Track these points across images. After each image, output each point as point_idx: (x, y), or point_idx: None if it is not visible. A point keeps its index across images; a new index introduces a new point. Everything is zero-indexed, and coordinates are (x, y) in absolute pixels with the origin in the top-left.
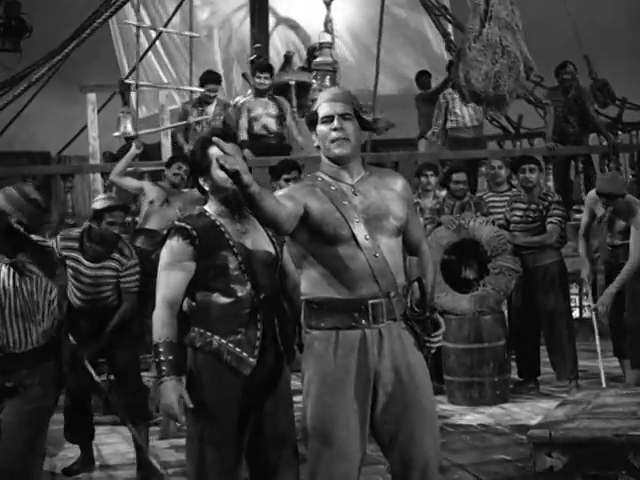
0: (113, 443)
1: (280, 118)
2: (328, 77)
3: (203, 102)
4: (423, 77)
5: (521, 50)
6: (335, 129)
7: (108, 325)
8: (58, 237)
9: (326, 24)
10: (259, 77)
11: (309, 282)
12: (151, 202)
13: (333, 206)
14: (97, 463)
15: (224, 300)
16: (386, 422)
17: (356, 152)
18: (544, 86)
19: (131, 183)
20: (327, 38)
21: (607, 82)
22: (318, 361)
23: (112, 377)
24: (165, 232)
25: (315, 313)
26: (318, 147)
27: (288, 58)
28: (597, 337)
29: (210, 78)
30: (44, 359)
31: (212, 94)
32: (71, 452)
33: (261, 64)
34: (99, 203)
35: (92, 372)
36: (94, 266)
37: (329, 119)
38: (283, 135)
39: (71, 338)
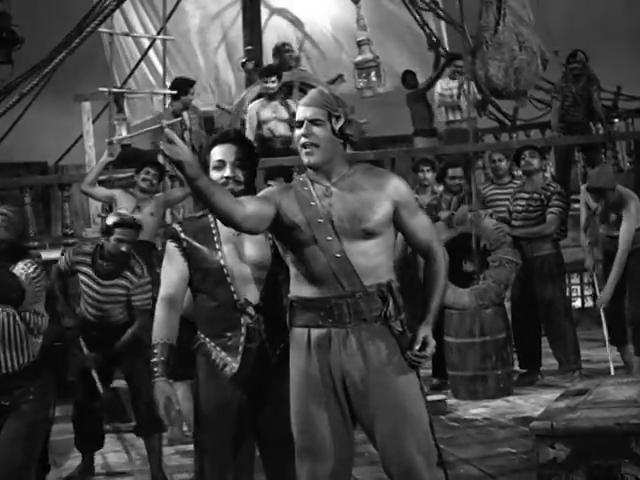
0: (118, 451)
1: (290, 122)
2: (373, 73)
3: (183, 108)
4: (408, 76)
5: (537, 43)
6: (303, 135)
7: (118, 341)
8: (71, 250)
9: (358, 21)
10: (266, 81)
11: (290, 280)
12: (120, 209)
13: (298, 207)
14: (103, 471)
15: (210, 303)
16: (363, 421)
17: (329, 157)
18: (550, 81)
19: (101, 192)
20: (363, 35)
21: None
22: (295, 359)
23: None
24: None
25: (293, 311)
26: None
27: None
28: (605, 327)
29: (183, 84)
30: (37, 376)
31: (191, 97)
32: (77, 462)
33: (268, 68)
34: (110, 219)
35: (97, 382)
36: (105, 283)
37: (300, 124)
38: (290, 139)
39: (83, 346)
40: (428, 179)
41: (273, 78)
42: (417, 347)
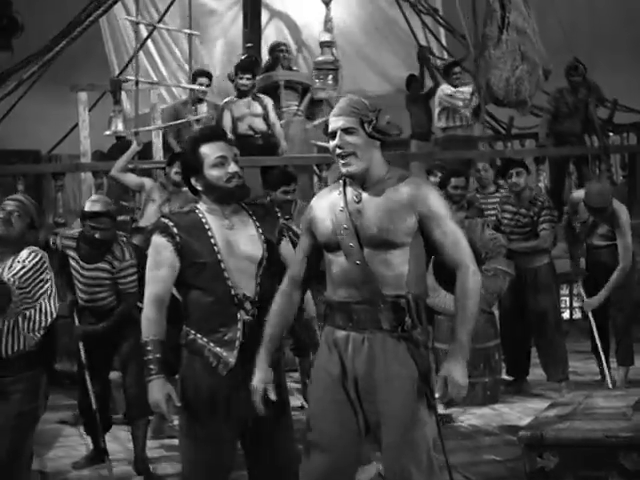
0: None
1: (265, 116)
2: (330, 76)
3: (195, 101)
4: (413, 80)
5: (539, 54)
6: (337, 146)
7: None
8: (59, 234)
9: (326, 23)
10: (241, 78)
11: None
12: (153, 200)
13: (328, 212)
14: (82, 462)
15: (205, 299)
16: (371, 426)
17: (367, 163)
18: (544, 91)
19: (132, 179)
20: (327, 37)
21: (596, 84)
22: (319, 355)
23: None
24: (149, 230)
25: (326, 310)
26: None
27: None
28: (597, 337)
29: (201, 73)
30: (29, 367)
31: (204, 87)
32: (61, 452)
33: (242, 65)
34: (86, 205)
35: (82, 356)
36: (88, 267)
37: (333, 135)
38: (270, 134)
39: (77, 320)
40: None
41: (248, 75)
42: (437, 394)
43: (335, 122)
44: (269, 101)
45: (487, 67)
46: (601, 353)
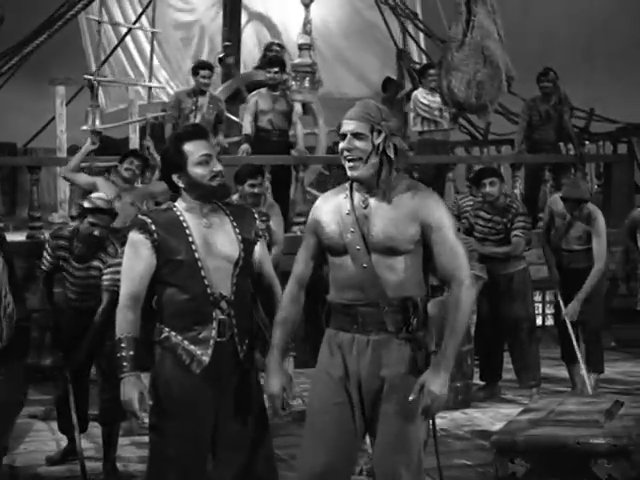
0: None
1: (288, 115)
2: (307, 78)
3: (197, 92)
4: (390, 84)
5: (503, 59)
6: (345, 148)
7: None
8: (49, 235)
9: (305, 25)
10: (269, 72)
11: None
12: None
13: (334, 215)
14: (57, 457)
15: (180, 296)
16: (370, 427)
17: (372, 170)
18: (522, 98)
19: (83, 179)
20: (306, 39)
21: (566, 94)
22: (321, 356)
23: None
24: (128, 225)
25: (329, 312)
26: None
27: (222, 60)
28: (575, 343)
29: (203, 65)
30: (7, 358)
31: (205, 80)
32: (31, 446)
33: (271, 59)
34: (87, 202)
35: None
36: (81, 267)
37: (343, 137)
38: (287, 132)
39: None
40: None
41: (276, 69)
42: (410, 397)
43: (346, 125)
44: (298, 104)
45: (449, 69)
46: (580, 360)
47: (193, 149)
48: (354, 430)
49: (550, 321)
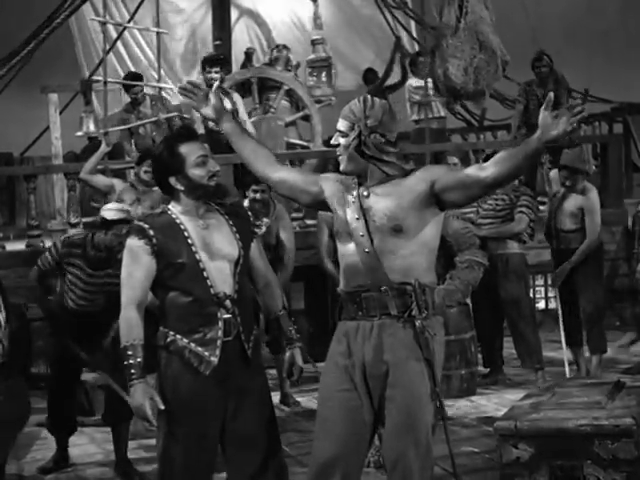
0: (81, 444)
1: (234, 113)
2: (324, 73)
3: (135, 104)
4: (370, 74)
5: (497, 44)
6: (334, 145)
7: (109, 331)
8: (58, 241)
9: (315, 20)
10: (209, 72)
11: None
12: (122, 201)
13: (341, 202)
14: (49, 466)
15: (183, 299)
16: (378, 412)
17: (358, 165)
18: (517, 82)
19: (101, 181)
20: (318, 34)
21: (563, 76)
22: (331, 347)
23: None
24: (125, 232)
25: (341, 304)
26: None
27: (249, 55)
28: (562, 327)
29: (132, 76)
30: (7, 375)
31: (139, 94)
32: (39, 454)
33: (211, 58)
34: (110, 213)
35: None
36: (96, 274)
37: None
38: None
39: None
40: None
41: (216, 68)
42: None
43: (338, 122)
44: (238, 97)
45: (444, 56)
46: (563, 345)
47: (189, 151)
48: (362, 418)
49: (553, 304)
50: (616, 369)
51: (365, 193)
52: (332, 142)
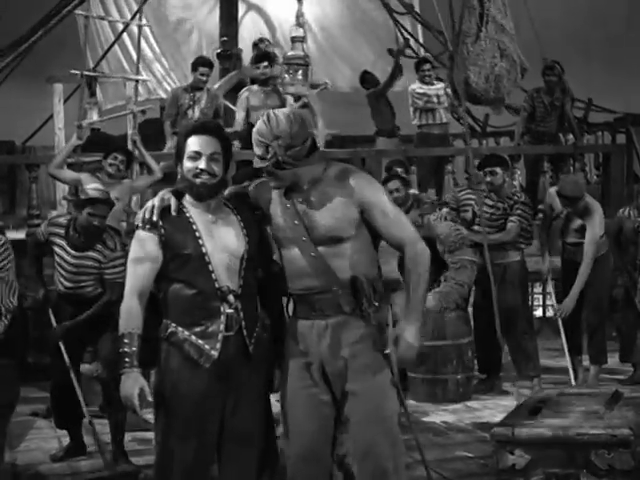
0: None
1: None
2: (300, 71)
3: (195, 88)
4: (368, 76)
5: (517, 52)
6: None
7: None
8: (45, 221)
9: (298, 17)
10: (258, 67)
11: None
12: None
13: (280, 209)
14: (60, 454)
15: (188, 291)
16: (341, 409)
17: (286, 176)
18: (523, 89)
19: (69, 175)
20: (299, 32)
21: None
22: (286, 346)
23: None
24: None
25: (289, 302)
26: None
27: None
28: (563, 336)
29: (203, 62)
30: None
31: (204, 78)
32: (32, 444)
33: (259, 54)
34: (84, 193)
35: (64, 355)
36: (77, 255)
37: None
38: None
39: (53, 321)
40: None
41: (265, 63)
42: (386, 350)
43: (254, 147)
44: (289, 97)
45: (465, 64)
46: (566, 353)
47: (190, 143)
48: (326, 412)
49: (551, 312)
50: (614, 379)
51: (300, 199)
52: (255, 166)
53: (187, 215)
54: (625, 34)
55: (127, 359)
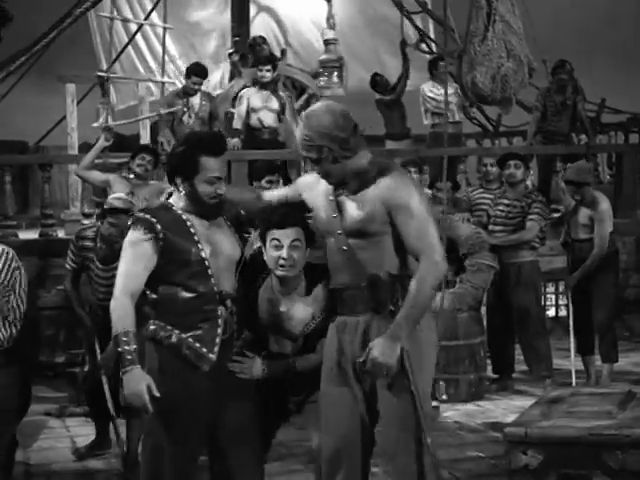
0: (88, 435)
1: (279, 114)
2: (335, 73)
3: (187, 93)
4: (379, 79)
5: (524, 52)
6: None
7: None
8: (74, 236)
9: (328, 20)
10: (260, 70)
11: None
12: (114, 193)
13: (322, 201)
14: (73, 456)
15: (186, 295)
16: (373, 406)
17: (338, 172)
18: (536, 87)
19: (97, 177)
20: (331, 34)
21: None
22: (326, 343)
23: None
24: (129, 223)
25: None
26: None
27: (283, 52)
28: (572, 335)
29: (196, 70)
30: (12, 361)
31: (195, 87)
32: (45, 443)
33: (262, 57)
34: (107, 202)
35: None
36: (105, 268)
37: None
38: (277, 131)
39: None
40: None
41: (268, 67)
42: (360, 359)
43: (303, 152)
44: (288, 99)
45: (472, 64)
46: (572, 352)
47: (208, 166)
48: (357, 412)
49: (563, 312)
50: (626, 379)
51: (341, 192)
52: (309, 171)
53: (184, 218)
54: (638, 34)
55: (129, 357)
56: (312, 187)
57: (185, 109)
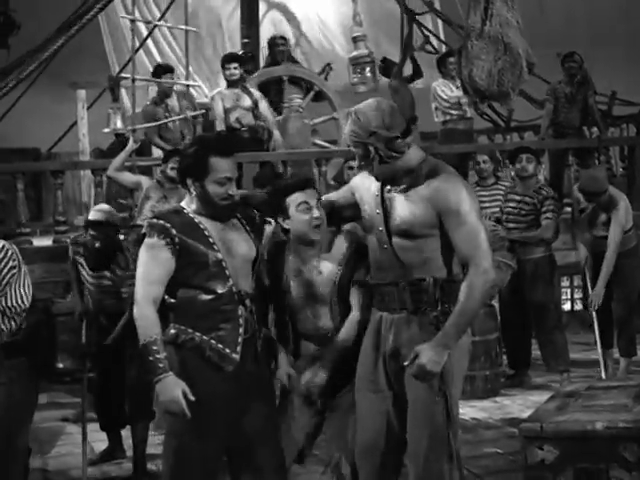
0: (105, 440)
1: (253, 110)
2: (368, 69)
3: (165, 95)
4: (386, 62)
5: (523, 46)
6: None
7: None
8: (69, 241)
9: (354, 17)
10: (228, 68)
11: None
12: (149, 198)
13: (368, 197)
14: (88, 458)
15: (205, 297)
16: (402, 404)
17: (386, 169)
18: (547, 80)
19: (128, 178)
20: (359, 31)
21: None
22: (364, 337)
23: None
24: (143, 230)
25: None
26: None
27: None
28: (596, 329)
29: (165, 69)
30: (14, 355)
31: (168, 87)
32: (63, 449)
33: (229, 55)
34: (89, 214)
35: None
36: (94, 275)
37: None
38: (256, 129)
39: (83, 335)
40: None
41: (235, 64)
42: (405, 362)
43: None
44: (259, 95)
45: (469, 58)
46: (598, 347)
47: (218, 167)
48: (387, 409)
49: (579, 306)
50: None
51: (390, 189)
52: (356, 166)
53: (197, 221)
54: None
55: (161, 365)
56: (364, 183)
57: (166, 113)
